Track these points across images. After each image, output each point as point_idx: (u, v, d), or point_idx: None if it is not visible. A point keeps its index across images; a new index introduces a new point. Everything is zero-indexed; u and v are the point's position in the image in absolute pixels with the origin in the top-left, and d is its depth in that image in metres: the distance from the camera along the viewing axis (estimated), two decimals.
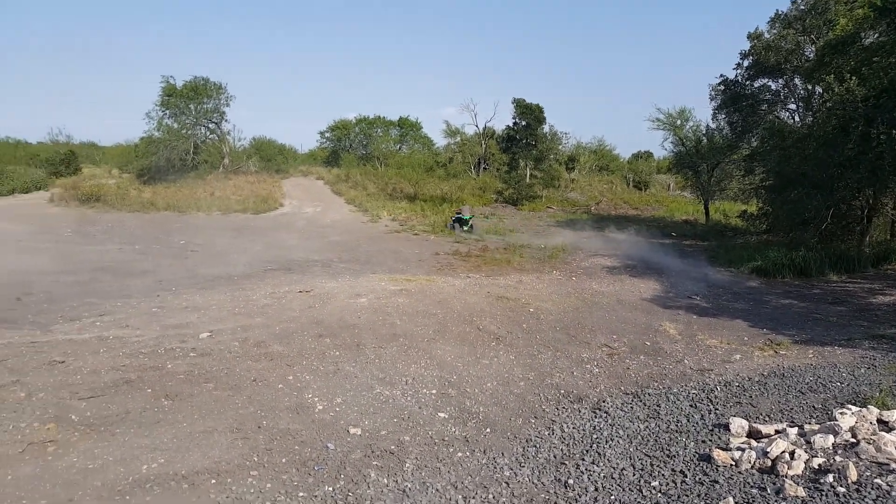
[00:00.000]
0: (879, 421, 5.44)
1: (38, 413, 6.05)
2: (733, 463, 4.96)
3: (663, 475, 4.97)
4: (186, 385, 6.95)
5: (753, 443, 5.35)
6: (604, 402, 6.84)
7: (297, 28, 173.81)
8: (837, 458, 4.71)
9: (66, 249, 17.58)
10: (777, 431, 5.51)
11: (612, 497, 4.69)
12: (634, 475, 5.02)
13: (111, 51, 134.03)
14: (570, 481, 4.96)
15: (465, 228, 24.32)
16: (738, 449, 5.18)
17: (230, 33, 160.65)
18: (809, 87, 23.01)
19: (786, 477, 4.55)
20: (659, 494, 4.64)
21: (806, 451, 4.88)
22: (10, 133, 65.04)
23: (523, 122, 36.81)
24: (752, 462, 4.88)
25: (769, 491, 4.40)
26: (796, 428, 5.52)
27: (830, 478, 4.40)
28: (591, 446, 5.64)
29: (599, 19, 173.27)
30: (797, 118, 24.95)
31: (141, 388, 6.79)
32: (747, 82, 25.94)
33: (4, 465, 5.07)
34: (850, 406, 5.91)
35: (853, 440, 5.00)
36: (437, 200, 33.60)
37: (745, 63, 25.61)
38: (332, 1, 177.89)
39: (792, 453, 4.85)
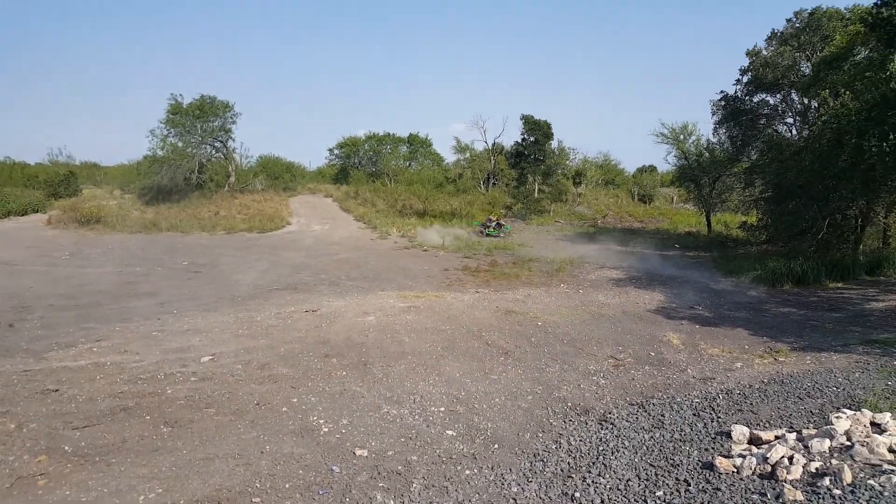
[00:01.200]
0: (872, 423, 5.64)
1: (28, 445, 5.97)
2: (735, 470, 5.12)
3: (667, 485, 5.08)
4: (187, 411, 6.94)
5: (754, 449, 5.52)
6: (610, 413, 6.98)
7: (305, 44, 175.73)
8: (833, 462, 4.89)
9: (63, 273, 17.60)
10: (777, 437, 5.68)
11: None
12: (640, 486, 5.12)
13: (115, 69, 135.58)
14: (577, 494, 5.04)
15: (488, 232, 28.33)
16: (740, 456, 5.34)
17: (238, 50, 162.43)
18: (806, 102, 23.39)
19: (785, 482, 4.72)
20: None
21: (804, 456, 5.07)
22: (9, 153, 65.07)
23: (532, 138, 37.38)
24: (753, 468, 5.05)
25: (769, 496, 4.55)
26: (795, 433, 5.71)
27: (827, 481, 4.57)
28: (597, 458, 5.74)
29: (606, 35, 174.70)
30: (794, 132, 25.28)
31: (139, 416, 6.77)
32: (746, 97, 26.33)
33: None
34: (845, 410, 6.13)
35: (848, 443, 5.19)
36: (447, 216, 33.86)
37: (745, 79, 26.06)
38: (340, 18, 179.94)
39: (791, 458, 5.02)
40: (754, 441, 5.78)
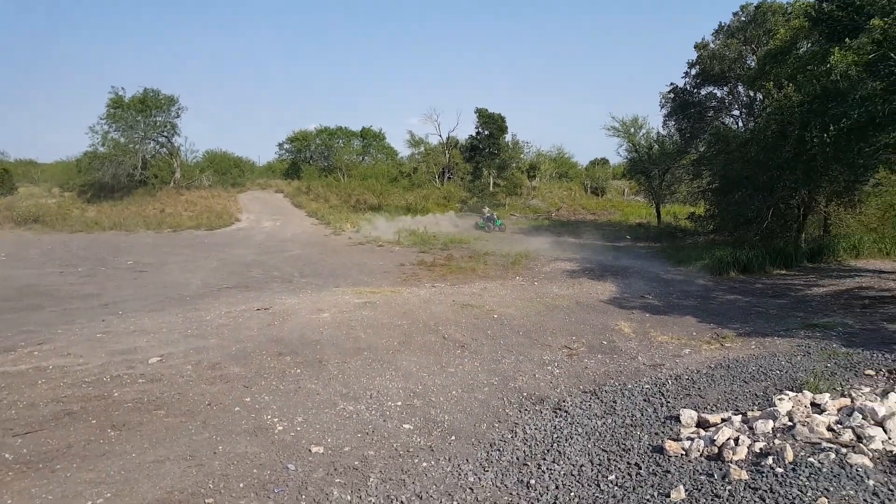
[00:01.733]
0: (813, 404, 5.88)
1: None
2: (684, 452, 5.23)
3: (619, 469, 5.18)
4: (135, 413, 6.72)
5: (702, 432, 5.66)
6: (564, 401, 7.06)
7: (254, 37, 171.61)
8: (776, 441, 5.06)
9: (1, 275, 16.85)
10: (723, 420, 5.85)
11: (572, 494, 4.83)
12: (593, 471, 5.19)
13: (53, 63, 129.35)
14: (532, 481, 5.08)
15: (481, 224, 29.28)
16: (688, 439, 5.47)
17: (185, 42, 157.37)
18: (751, 94, 24.17)
19: (731, 462, 4.85)
20: (616, 488, 4.84)
21: (749, 437, 5.23)
22: None
23: (486, 132, 37.59)
24: (701, 450, 5.18)
25: (716, 477, 4.67)
26: (740, 415, 5.89)
27: (770, 460, 4.72)
28: (551, 446, 5.80)
29: (558, 28, 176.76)
30: (740, 124, 26.11)
31: (84, 420, 6.52)
32: (695, 90, 27.05)
33: None
34: (787, 392, 6.37)
35: (790, 423, 5.38)
36: (402, 210, 33.75)
37: (693, 72, 26.77)
38: (290, 11, 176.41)
39: (736, 439, 5.17)
40: (702, 424, 5.93)
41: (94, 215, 30.18)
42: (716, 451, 5.12)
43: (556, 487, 4.98)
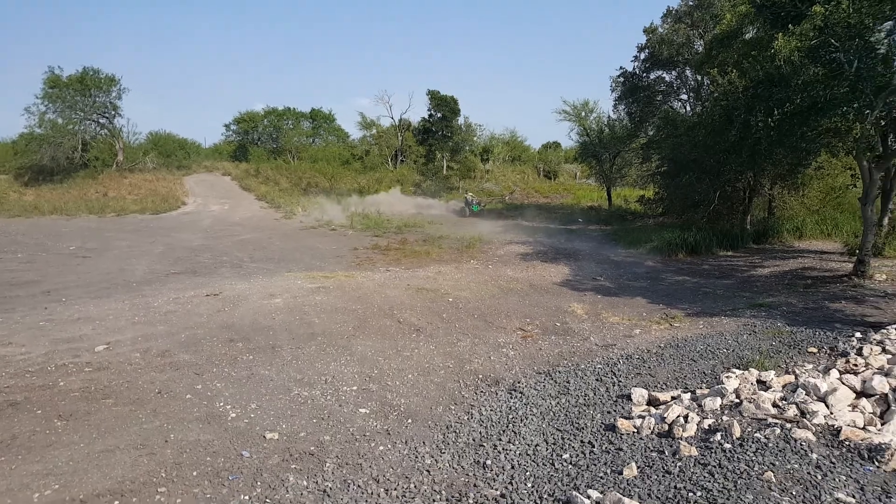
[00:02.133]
0: (759, 381, 6.08)
1: None
2: (635, 430, 5.35)
3: (573, 447, 5.26)
4: (82, 403, 6.51)
5: (653, 410, 5.80)
6: (519, 382, 7.13)
7: (199, 15, 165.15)
8: (724, 418, 5.20)
9: None
10: (673, 398, 6.00)
11: (528, 473, 4.89)
12: (547, 450, 5.28)
13: None
14: (489, 462, 5.13)
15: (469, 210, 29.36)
16: (640, 417, 5.60)
17: (128, 19, 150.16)
18: (699, 79, 24.60)
19: (681, 439, 4.98)
20: (570, 466, 4.92)
21: (698, 414, 5.37)
22: None
23: (439, 114, 37.31)
24: (652, 428, 5.29)
25: (667, 453, 4.79)
26: (689, 393, 6.06)
27: (718, 436, 4.86)
28: (507, 426, 5.85)
29: (510, 10, 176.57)
30: (688, 108, 26.62)
31: (29, 410, 6.29)
32: (644, 74, 27.31)
33: None
34: (734, 370, 6.58)
35: (737, 400, 5.55)
36: (355, 192, 33.38)
37: (642, 56, 26.99)
38: None
39: (686, 417, 5.31)
40: (653, 402, 6.07)
41: (33, 199, 28.87)
42: (666, 428, 5.24)
43: (512, 467, 5.02)
